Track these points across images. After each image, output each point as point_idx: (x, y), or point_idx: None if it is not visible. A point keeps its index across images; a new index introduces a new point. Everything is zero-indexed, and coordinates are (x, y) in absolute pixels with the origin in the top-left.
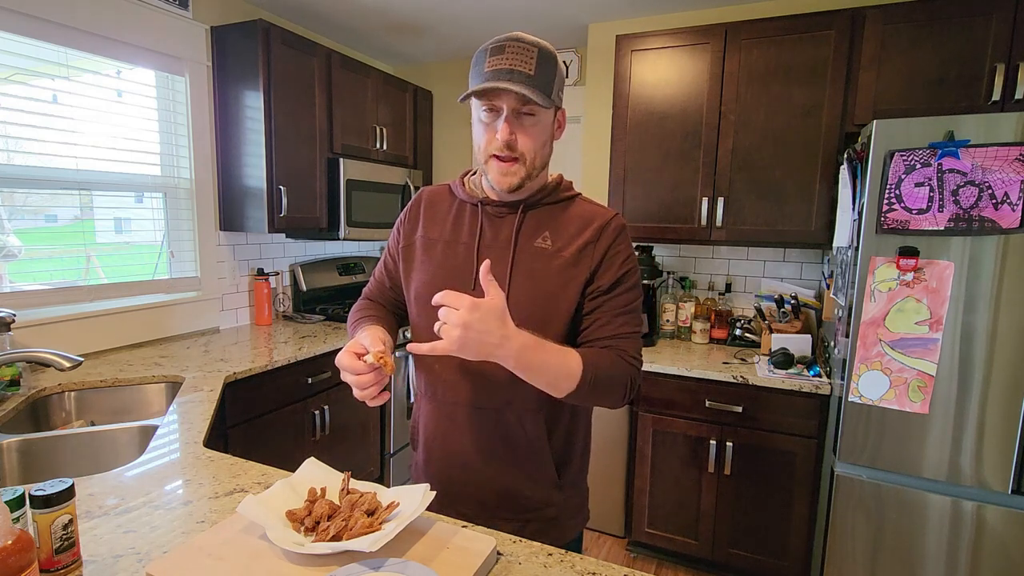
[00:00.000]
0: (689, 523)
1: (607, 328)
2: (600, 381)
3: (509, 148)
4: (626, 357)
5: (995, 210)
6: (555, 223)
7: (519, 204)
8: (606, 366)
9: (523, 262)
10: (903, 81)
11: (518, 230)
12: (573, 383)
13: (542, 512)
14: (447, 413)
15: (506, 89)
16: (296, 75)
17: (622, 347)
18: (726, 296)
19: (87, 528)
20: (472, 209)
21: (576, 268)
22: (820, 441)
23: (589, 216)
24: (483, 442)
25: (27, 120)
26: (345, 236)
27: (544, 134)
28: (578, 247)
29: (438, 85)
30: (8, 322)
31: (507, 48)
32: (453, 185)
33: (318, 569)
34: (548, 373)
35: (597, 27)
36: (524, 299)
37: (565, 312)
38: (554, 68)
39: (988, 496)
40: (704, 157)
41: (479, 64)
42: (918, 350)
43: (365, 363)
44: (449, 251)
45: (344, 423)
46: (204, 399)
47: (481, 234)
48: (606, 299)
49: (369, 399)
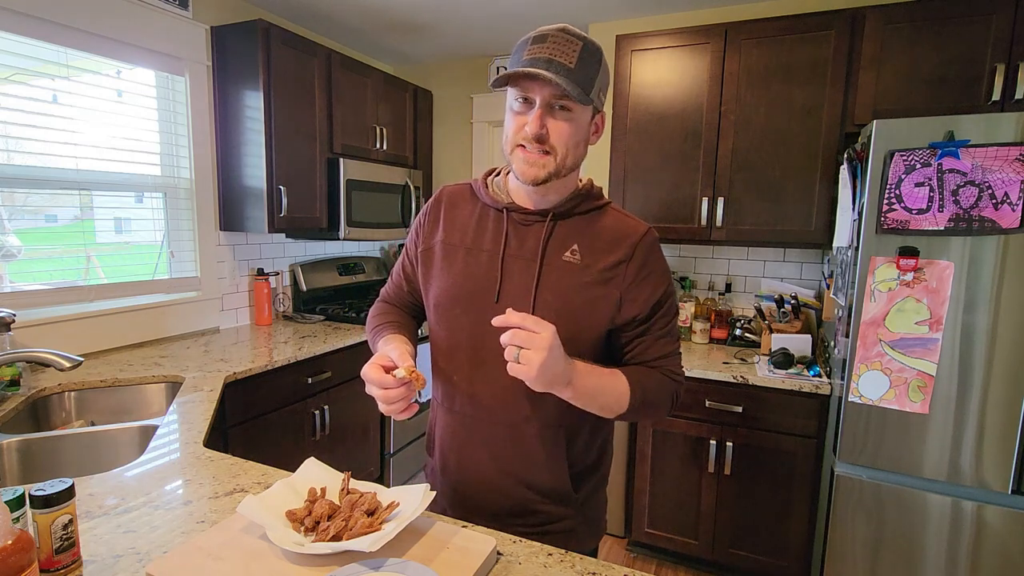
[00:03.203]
0: (689, 523)
1: (651, 351)
2: (648, 401)
3: (539, 141)
4: (671, 375)
5: (995, 210)
6: (585, 235)
7: (548, 213)
8: (653, 386)
9: (549, 276)
10: (903, 81)
11: (546, 242)
12: (624, 406)
13: (558, 525)
14: (465, 425)
15: (542, 77)
16: (296, 75)
17: (667, 367)
18: (726, 296)
19: (87, 528)
20: (497, 215)
21: (606, 287)
22: (820, 441)
23: (621, 231)
24: (500, 455)
25: (27, 120)
26: (345, 236)
27: (579, 133)
28: (609, 265)
29: (438, 85)
30: (8, 322)
31: (550, 37)
32: (475, 185)
33: (318, 569)
34: (602, 398)
35: (597, 27)
36: (551, 315)
37: (593, 332)
38: (598, 66)
39: (988, 496)
40: (704, 157)
41: (519, 52)
42: (918, 350)
43: (394, 377)
44: (471, 259)
45: (344, 423)
46: (204, 399)
47: (506, 243)
48: (647, 325)
49: (396, 413)
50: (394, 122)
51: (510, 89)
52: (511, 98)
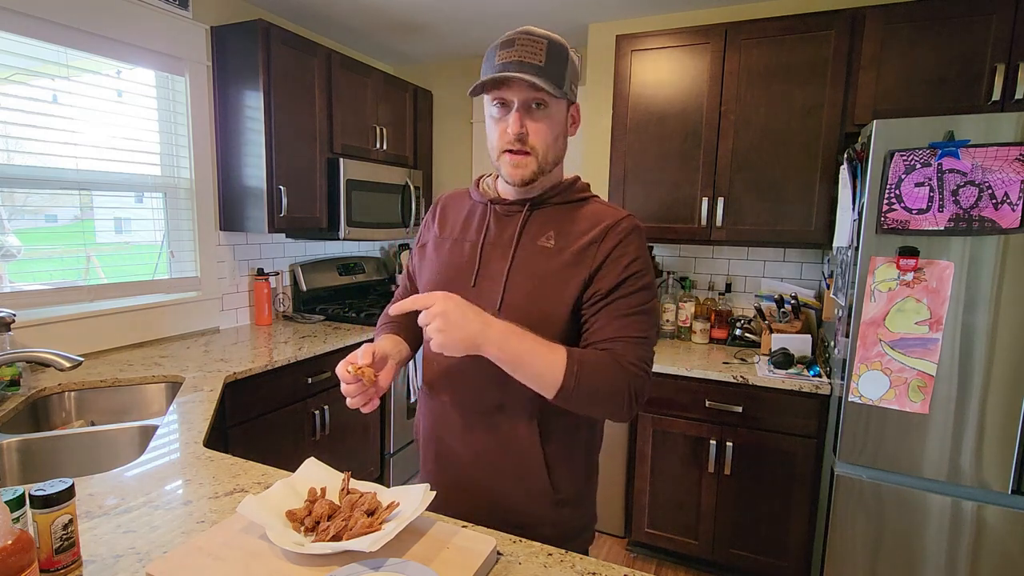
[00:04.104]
0: (689, 523)
1: (605, 331)
2: (587, 380)
3: (520, 141)
4: (624, 362)
5: (995, 210)
6: (563, 223)
7: (526, 202)
8: (596, 365)
9: (523, 261)
10: (903, 81)
11: (522, 228)
12: (559, 377)
13: (536, 531)
14: (442, 413)
15: (515, 78)
16: (296, 75)
17: (620, 351)
18: (726, 296)
19: (87, 528)
20: (482, 208)
21: (576, 268)
22: (820, 441)
23: (599, 216)
24: (476, 445)
25: (27, 120)
26: (345, 236)
27: (557, 127)
28: (581, 247)
29: (438, 85)
30: (8, 322)
31: (516, 41)
32: (471, 189)
33: (318, 569)
34: (532, 363)
35: (597, 27)
36: (521, 298)
37: (562, 312)
38: (565, 61)
39: (988, 496)
40: (704, 157)
41: (490, 59)
42: (918, 350)
43: (348, 372)
44: (456, 249)
45: (344, 423)
46: (204, 399)
47: (487, 232)
48: (606, 302)
49: (357, 406)
50: (394, 122)
51: (487, 96)
52: (488, 105)
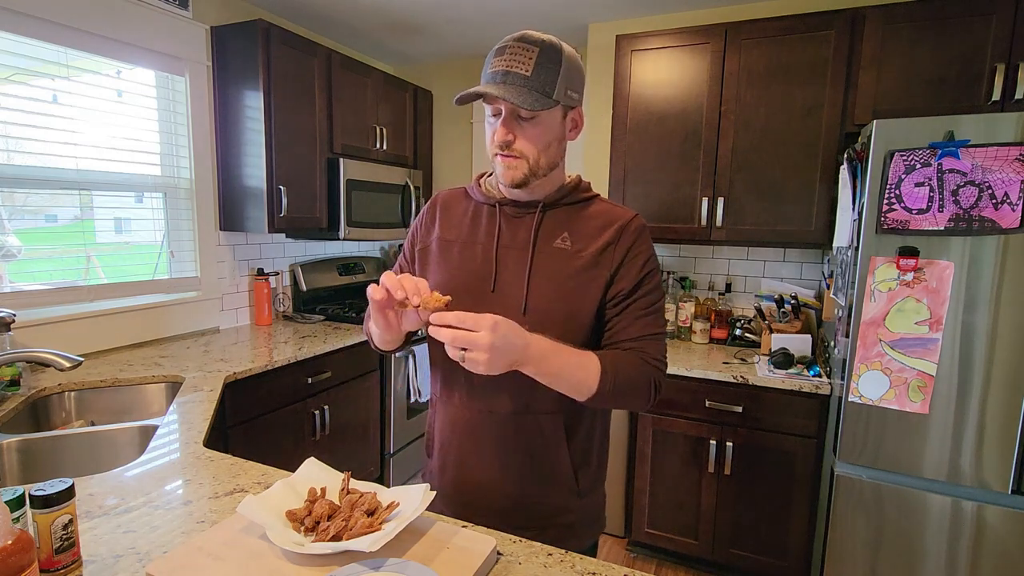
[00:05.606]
0: (689, 523)
1: (630, 331)
2: (621, 382)
3: (508, 148)
4: (648, 359)
5: (995, 210)
6: (574, 224)
7: (538, 204)
8: (626, 367)
9: (541, 263)
10: (903, 81)
11: (536, 231)
12: (594, 385)
13: (559, 519)
14: (464, 418)
15: (490, 95)
16: (296, 75)
17: (645, 349)
18: (726, 296)
19: (87, 528)
20: (490, 210)
21: (597, 269)
22: (820, 441)
23: (609, 217)
24: (500, 448)
25: (27, 120)
26: (345, 236)
27: (547, 135)
28: (599, 248)
29: (438, 85)
30: (8, 322)
31: (508, 48)
32: (469, 188)
33: (318, 569)
34: (570, 377)
35: (597, 27)
36: (545, 301)
37: (587, 313)
38: (558, 66)
39: (988, 496)
40: (704, 157)
41: (487, 64)
42: (918, 350)
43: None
44: (467, 252)
45: (344, 423)
46: (204, 399)
47: (499, 235)
48: (628, 302)
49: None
50: (394, 122)
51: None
52: (485, 106)
